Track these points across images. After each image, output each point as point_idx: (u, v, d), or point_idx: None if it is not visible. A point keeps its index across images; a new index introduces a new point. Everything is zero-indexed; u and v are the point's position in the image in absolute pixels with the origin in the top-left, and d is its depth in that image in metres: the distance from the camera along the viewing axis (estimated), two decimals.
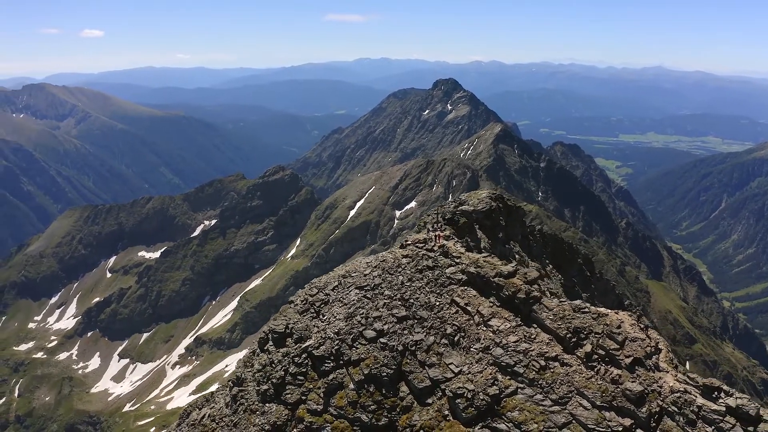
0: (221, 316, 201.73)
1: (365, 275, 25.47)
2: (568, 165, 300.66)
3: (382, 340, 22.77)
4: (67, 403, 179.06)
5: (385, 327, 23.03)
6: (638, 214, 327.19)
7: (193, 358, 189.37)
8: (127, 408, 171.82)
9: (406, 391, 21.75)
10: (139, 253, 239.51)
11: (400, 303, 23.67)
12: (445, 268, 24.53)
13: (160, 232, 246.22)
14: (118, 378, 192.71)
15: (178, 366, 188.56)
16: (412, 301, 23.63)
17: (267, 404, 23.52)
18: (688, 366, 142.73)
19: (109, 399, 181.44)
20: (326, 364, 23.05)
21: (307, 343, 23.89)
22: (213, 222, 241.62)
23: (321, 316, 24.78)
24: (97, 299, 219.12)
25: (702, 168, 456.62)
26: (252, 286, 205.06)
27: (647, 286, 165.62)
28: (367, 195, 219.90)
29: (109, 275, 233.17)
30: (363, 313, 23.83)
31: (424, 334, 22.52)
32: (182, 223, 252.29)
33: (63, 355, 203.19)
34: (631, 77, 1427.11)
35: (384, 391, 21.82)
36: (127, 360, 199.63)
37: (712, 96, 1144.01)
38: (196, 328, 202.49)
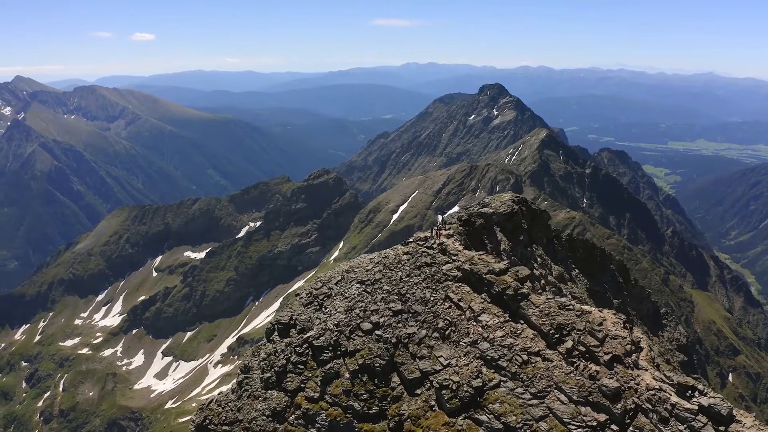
0: (264, 317, 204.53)
1: (367, 270, 26.41)
2: (615, 172, 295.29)
3: (377, 332, 23.65)
4: (110, 399, 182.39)
5: (381, 320, 23.90)
6: (686, 222, 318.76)
7: (236, 357, 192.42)
8: (168, 405, 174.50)
9: (397, 381, 22.55)
10: (185, 253, 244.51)
11: (397, 297, 24.51)
12: (442, 265, 25.27)
13: (206, 233, 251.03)
14: (161, 375, 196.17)
15: (220, 365, 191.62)
16: (408, 295, 24.45)
17: (269, 391, 24.64)
18: (731, 378, 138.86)
19: (152, 396, 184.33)
20: (325, 354, 24.03)
21: (308, 334, 24.93)
22: (258, 224, 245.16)
23: (323, 309, 25.81)
24: (143, 297, 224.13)
25: (752, 176, 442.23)
26: (295, 287, 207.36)
27: (691, 295, 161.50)
28: (410, 199, 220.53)
29: (154, 274, 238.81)
30: (362, 307, 24.75)
31: (417, 327, 23.29)
32: (228, 224, 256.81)
33: (108, 352, 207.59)
34: (682, 83, 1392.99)
35: (376, 381, 22.68)
36: (171, 358, 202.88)
37: (764, 103, 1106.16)
38: (239, 327, 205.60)
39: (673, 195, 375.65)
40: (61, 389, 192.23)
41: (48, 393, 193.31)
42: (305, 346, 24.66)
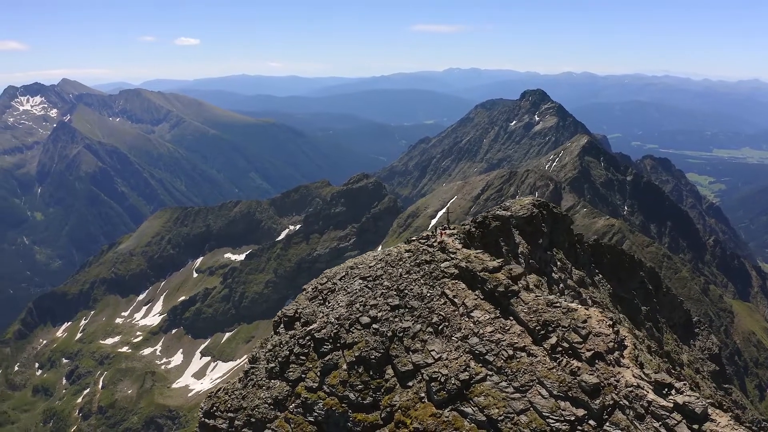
0: None
1: (370, 267, 27.29)
2: (658, 179, 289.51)
3: (374, 326, 24.49)
4: (148, 397, 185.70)
5: (379, 314, 24.74)
6: (729, 232, 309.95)
7: None
8: None
9: (391, 373, 23.34)
10: (225, 255, 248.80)
11: (395, 293, 25.31)
12: (440, 262, 25.97)
13: (247, 235, 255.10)
14: (199, 375, 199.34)
15: None
16: (406, 291, 25.22)
17: (272, 380, 25.70)
18: None
19: (189, 395, 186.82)
20: (325, 346, 24.98)
21: (311, 327, 25.93)
22: (297, 227, 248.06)
23: (327, 303, 26.78)
24: (183, 298, 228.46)
25: None
26: None
27: (731, 306, 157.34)
28: (448, 204, 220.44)
29: (195, 275, 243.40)
30: (362, 301, 25.63)
31: (413, 322, 24.04)
32: (268, 227, 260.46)
33: (147, 351, 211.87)
34: (727, 90, 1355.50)
35: (371, 373, 23.52)
36: (209, 358, 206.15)
37: None
38: None
39: (716, 204, 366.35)
40: (100, 386, 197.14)
41: (87, 390, 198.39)
42: (308, 338, 25.66)
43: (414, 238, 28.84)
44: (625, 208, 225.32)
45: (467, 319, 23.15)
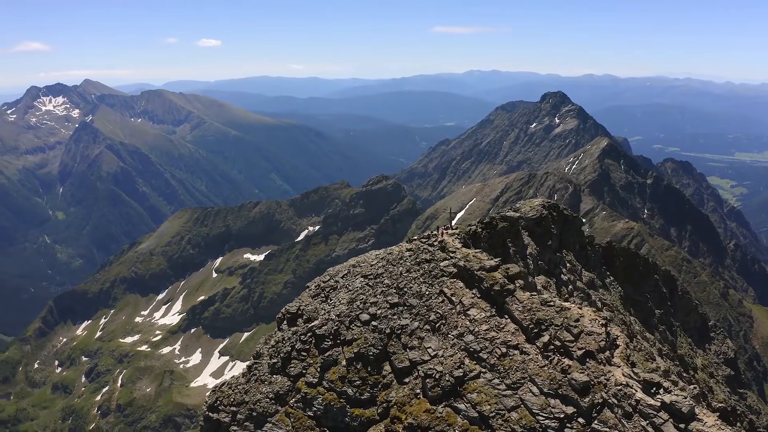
0: None
1: (371, 265, 27.74)
2: (679, 183, 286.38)
3: (374, 323, 24.94)
4: (166, 396, 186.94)
5: (378, 312, 25.18)
6: (750, 236, 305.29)
7: None
8: None
9: (388, 370, 23.77)
10: (245, 255, 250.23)
11: (395, 291, 25.74)
12: (440, 261, 26.36)
13: (266, 236, 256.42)
14: (217, 374, 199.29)
15: None
16: (405, 289, 25.64)
17: (274, 375, 26.27)
18: None
19: (207, 394, 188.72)
20: (326, 342, 25.48)
21: (312, 324, 26.44)
22: (316, 228, 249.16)
23: (329, 300, 27.29)
24: (202, 297, 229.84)
25: None
26: None
27: (751, 310, 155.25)
28: (467, 206, 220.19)
29: (214, 275, 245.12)
30: (363, 299, 26.10)
31: (411, 319, 24.45)
32: (287, 227, 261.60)
33: (166, 350, 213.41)
34: (750, 93, 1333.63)
35: (369, 369, 23.97)
36: (227, 357, 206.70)
37: None
38: None
39: (738, 207, 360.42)
40: (119, 384, 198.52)
41: (106, 388, 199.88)
42: (309, 334, 26.19)
43: (415, 237, 29.25)
44: (645, 211, 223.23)
45: (464, 317, 23.51)
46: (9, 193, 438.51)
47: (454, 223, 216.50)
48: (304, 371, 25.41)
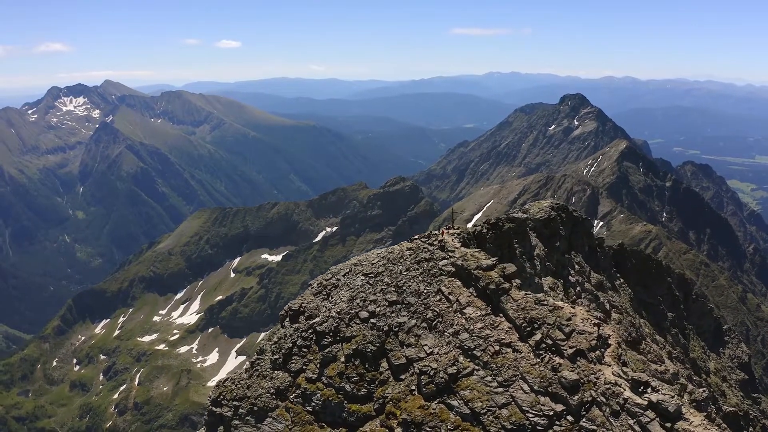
0: None
1: (372, 264, 28.16)
2: (698, 186, 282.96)
3: (372, 320, 25.38)
4: (183, 394, 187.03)
5: (377, 309, 25.60)
6: None
7: None
8: None
9: (385, 366, 24.19)
10: (262, 256, 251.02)
11: (394, 289, 26.13)
12: (439, 260, 26.70)
13: (284, 236, 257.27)
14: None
15: None
16: (404, 288, 26.02)
17: (275, 371, 26.80)
18: None
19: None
20: (326, 339, 25.96)
21: (313, 321, 26.94)
22: (334, 229, 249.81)
23: (330, 298, 27.75)
24: (220, 297, 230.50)
25: None
26: None
27: None
28: (485, 208, 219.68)
29: (232, 275, 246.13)
30: (362, 297, 26.54)
31: (408, 317, 24.83)
32: (305, 228, 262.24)
33: (183, 349, 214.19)
34: None
35: (367, 366, 24.41)
36: (244, 357, 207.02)
37: None
38: None
39: (758, 211, 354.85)
40: (136, 383, 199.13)
41: (124, 386, 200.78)
42: (310, 331, 26.69)
43: (416, 237, 29.60)
44: (664, 214, 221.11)
45: (460, 315, 23.84)
46: (30, 193, 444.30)
47: (470, 225, 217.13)
48: (304, 367, 25.93)
